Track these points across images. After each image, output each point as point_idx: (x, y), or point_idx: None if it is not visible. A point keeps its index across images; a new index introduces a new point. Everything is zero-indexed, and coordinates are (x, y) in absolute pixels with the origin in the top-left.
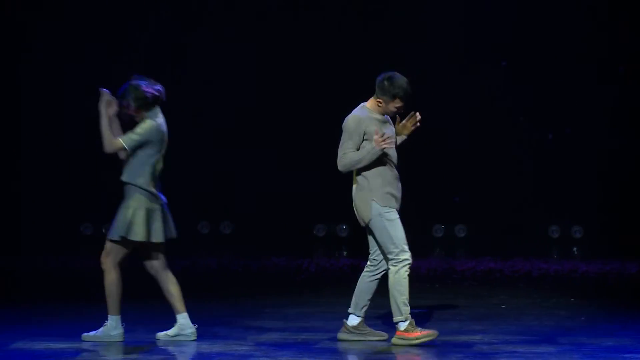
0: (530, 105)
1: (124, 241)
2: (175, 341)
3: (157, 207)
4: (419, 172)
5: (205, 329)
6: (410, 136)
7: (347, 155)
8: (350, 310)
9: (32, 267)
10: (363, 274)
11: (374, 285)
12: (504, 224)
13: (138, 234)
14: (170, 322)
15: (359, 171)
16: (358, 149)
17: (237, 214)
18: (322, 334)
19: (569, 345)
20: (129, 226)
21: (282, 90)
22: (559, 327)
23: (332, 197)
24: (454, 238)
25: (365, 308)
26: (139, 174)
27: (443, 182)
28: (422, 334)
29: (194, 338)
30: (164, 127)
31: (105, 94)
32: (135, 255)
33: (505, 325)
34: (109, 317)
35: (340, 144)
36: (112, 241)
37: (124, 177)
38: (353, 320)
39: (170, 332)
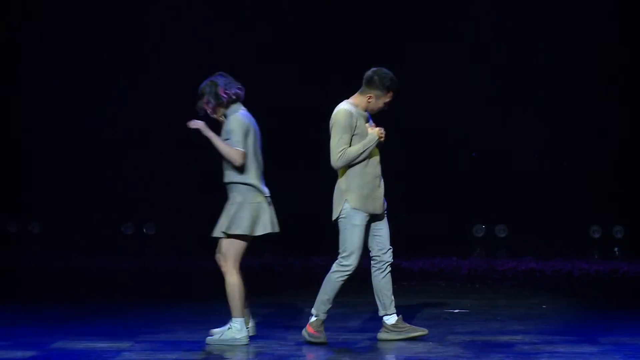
0: (571, 103)
1: (243, 238)
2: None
3: (263, 200)
4: (461, 173)
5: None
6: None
7: (348, 151)
8: (380, 313)
9: (73, 267)
10: (373, 273)
11: (387, 279)
12: (544, 224)
13: (262, 228)
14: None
15: (344, 168)
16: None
17: (277, 214)
18: (362, 334)
19: (611, 345)
20: (253, 222)
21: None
22: (601, 327)
23: None
24: (495, 238)
25: (393, 303)
26: (241, 170)
27: (484, 183)
28: (318, 335)
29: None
30: (249, 119)
31: (199, 123)
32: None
33: (546, 325)
34: (234, 319)
35: (334, 140)
36: (232, 238)
37: (228, 178)
38: (390, 319)
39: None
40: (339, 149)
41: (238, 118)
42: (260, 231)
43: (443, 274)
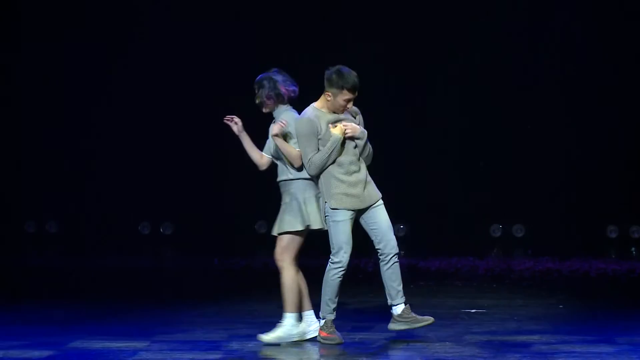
0: (591, 102)
1: (299, 233)
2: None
3: (316, 195)
4: (478, 173)
5: (263, 328)
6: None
7: (313, 160)
8: (389, 302)
9: (90, 267)
10: (380, 266)
11: (392, 269)
12: (561, 224)
13: (317, 221)
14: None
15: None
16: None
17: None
18: (379, 333)
19: (628, 345)
20: (307, 216)
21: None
22: (617, 326)
23: (389, 196)
24: (512, 238)
25: (400, 294)
26: (299, 167)
27: (501, 182)
28: (331, 336)
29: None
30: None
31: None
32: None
33: (563, 325)
34: (288, 315)
35: (301, 151)
36: (288, 234)
37: (284, 176)
38: (396, 310)
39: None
40: (306, 160)
41: (293, 116)
42: (316, 225)
43: (460, 273)
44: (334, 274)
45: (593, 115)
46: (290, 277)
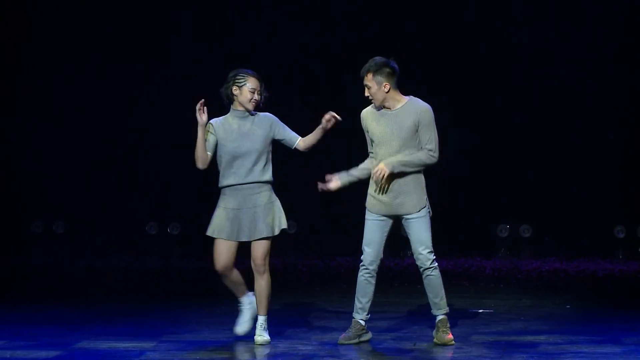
0: (598, 100)
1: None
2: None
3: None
4: (485, 172)
5: (269, 329)
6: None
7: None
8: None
9: (97, 267)
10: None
11: (427, 282)
12: (569, 224)
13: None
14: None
15: None
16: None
17: (300, 213)
18: (386, 334)
19: (635, 345)
20: (282, 218)
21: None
22: (624, 327)
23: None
24: (519, 238)
25: (436, 305)
26: (269, 169)
27: (508, 182)
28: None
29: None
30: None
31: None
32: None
33: (570, 325)
34: (265, 317)
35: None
36: (272, 239)
37: (261, 177)
38: (436, 319)
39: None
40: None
41: None
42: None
43: (467, 274)
44: (359, 273)
45: (600, 114)
46: (269, 281)
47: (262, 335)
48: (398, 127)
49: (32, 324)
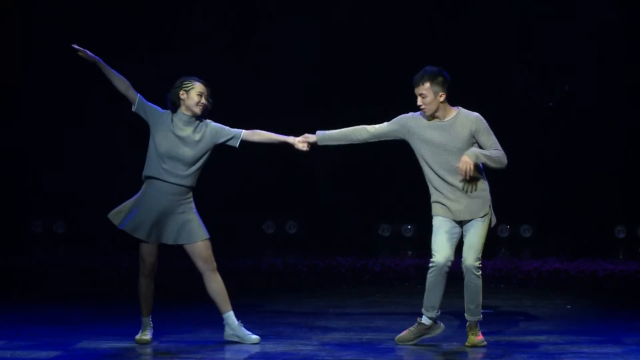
0: (599, 102)
1: None
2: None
3: None
4: (485, 172)
5: (269, 329)
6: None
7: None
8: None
9: (97, 267)
10: None
11: (466, 286)
12: (569, 224)
13: None
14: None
15: None
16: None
17: (301, 213)
18: (386, 334)
19: (635, 345)
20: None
21: (348, 76)
22: (625, 327)
23: (397, 197)
24: (520, 238)
25: (470, 311)
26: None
27: (509, 183)
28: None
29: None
30: None
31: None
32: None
33: (570, 326)
34: (232, 313)
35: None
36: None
37: (190, 181)
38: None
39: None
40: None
41: None
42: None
43: None
44: (428, 271)
45: (601, 115)
46: (220, 279)
47: (250, 334)
48: (453, 137)
49: (32, 324)
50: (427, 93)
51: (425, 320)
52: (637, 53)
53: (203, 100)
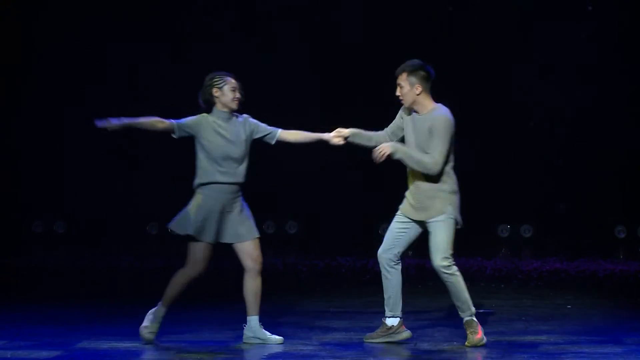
0: (600, 101)
1: None
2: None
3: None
4: (486, 172)
5: (270, 329)
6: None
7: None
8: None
9: (97, 267)
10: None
11: (447, 286)
12: (569, 224)
13: None
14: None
15: None
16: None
17: (302, 213)
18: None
19: (636, 345)
20: None
21: (348, 77)
22: (625, 327)
23: (397, 196)
24: (520, 238)
25: (459, 309)
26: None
27: (509, 182)
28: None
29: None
30: None
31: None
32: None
33: (571, 326)
34: (256, 317)
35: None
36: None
37: (244, 179)
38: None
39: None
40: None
41: None
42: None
43: (467, 274)
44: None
45: (601, 115)
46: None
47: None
48: (419, 132)
49: (32, 324)
50: (404, 84)
51: (387, 320)
52: (637, 53)
53: (237, 95)
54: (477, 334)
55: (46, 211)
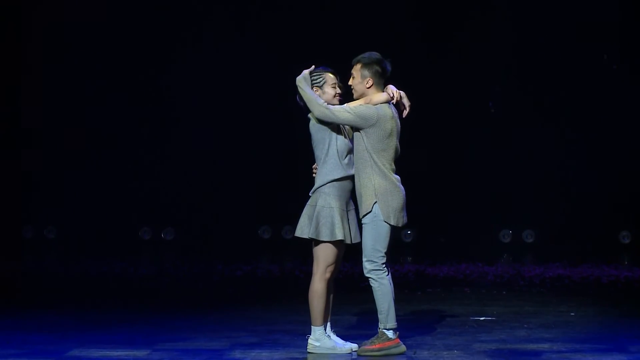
0: (606, 106)
1: (333, 244)
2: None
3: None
4: (487, 177)
5: (265, 336)
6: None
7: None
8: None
9: (89, 273)
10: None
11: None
12: (572, 230)
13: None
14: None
15: None
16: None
17: (298, 218)
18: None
19: None
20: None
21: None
22: (630, 334)
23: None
24: (522, 244)
25: (381, 318)
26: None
27: (511, 188)
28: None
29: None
30: None
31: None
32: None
33: (574, 333)
34: (313, 328)
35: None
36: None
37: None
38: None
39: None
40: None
41: None
42: (340, 236)
43: (469, 280)
44: (388, 277)
45: (606, 120)
46: (316, 289)
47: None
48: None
49: (23, 331)
50: (356, 75)
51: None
52: (637, 53)
53: (338, 90)
54: (374, 346)
55: (37, 216)
